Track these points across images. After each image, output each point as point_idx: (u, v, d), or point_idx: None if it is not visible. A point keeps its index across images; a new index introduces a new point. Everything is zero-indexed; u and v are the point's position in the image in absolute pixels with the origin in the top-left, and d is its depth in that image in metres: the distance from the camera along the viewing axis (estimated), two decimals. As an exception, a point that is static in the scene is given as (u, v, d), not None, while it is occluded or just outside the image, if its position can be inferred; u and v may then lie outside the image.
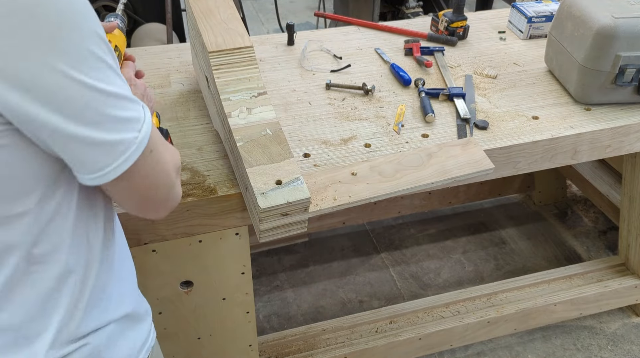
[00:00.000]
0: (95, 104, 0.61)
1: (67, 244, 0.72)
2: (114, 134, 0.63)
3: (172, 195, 0.75)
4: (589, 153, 1.43)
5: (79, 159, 0.64)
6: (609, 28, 1.35)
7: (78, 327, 0.76)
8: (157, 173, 0.71)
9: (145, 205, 0.74)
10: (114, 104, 0.63)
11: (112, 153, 0.64)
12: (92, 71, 0.60)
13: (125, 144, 0.64)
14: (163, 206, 0.75)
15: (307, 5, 4.33)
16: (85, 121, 0.61)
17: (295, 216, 1.04)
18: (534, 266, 2.19)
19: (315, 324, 1.72)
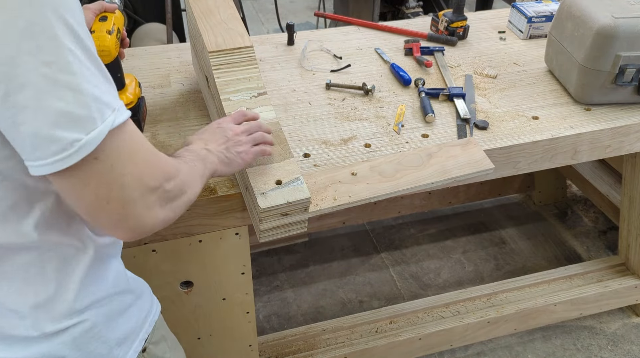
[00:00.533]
0: (34, 89, 0.56)
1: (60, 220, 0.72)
2: (49, 129, 0.57)
3: (132, 214, 0.66)
4: (589, 153, 1.43)
5: (17, 142, 0.60)
6: (609, 28, 1.35)
7: (74, 300, 0.76)
8: (103, 185, 0.63)
9: (96, 216, 0.66)
10: (63, 96, 0.57)
11: (44, 148, 0.58)
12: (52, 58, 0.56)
13: (60, 144, 0.58)
14: (120, 225, 0.66)
15: (307, 5, 4.33)
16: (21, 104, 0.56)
17: (295, 216, 1.04)
18: (534, 266, 2.19)
19: (315, 324, 1.72)
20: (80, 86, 0.58)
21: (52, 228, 0.72)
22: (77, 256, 0.76)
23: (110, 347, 0.81)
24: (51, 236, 0.72)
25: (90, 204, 0.64)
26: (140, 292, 0.90)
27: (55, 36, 0.56)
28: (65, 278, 0.75)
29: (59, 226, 0.72)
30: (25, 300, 0.74)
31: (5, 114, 0.57)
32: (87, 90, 0.59)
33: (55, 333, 0.76)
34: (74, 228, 0.75)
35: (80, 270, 0.77)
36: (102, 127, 0.60)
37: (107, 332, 0.81)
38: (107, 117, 0.61)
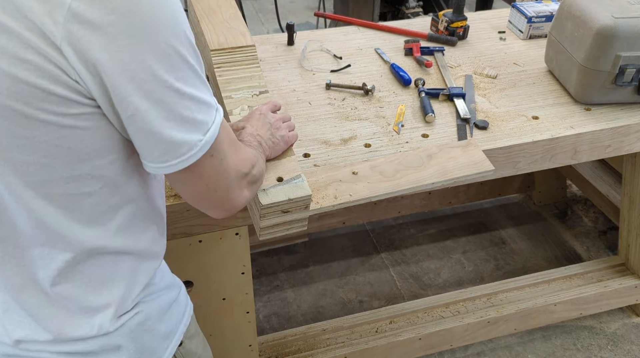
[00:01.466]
0: (169, 101, 0.65)
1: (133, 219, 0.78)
2: (179, 134, 0.67)
3: (230, 198, 0.78)
4: (589, 153, 1.43)
5: (143, 147, 0.68)
6: (609, 28, 1.35)
7: (135, 298, 0.82)
8: (214, 176, 0.74)
9: (200, 202, 0.78)
10: (187, 106, 0.66)
11: (173, 151, 0.68)
12: (173, 69, 0.64)
13: (188, 146, 0.68)
14: (219, 207, 0.79)
15: (307, 5, 4.33)
16: (156, 115, 0.64)
17: (296, 213, 1.04)
18: (534, 266, 2.19)
19: (315, 324, 1.72)
20: (197, 96, 0.68)
21: (130, 233, 0.78)
22: (144, 259, 0.82)
23: (159, 340, 0.86)
24: (128, 240, 0.78)
25: (199, 193, 0.76)
26: (179, 286, 0.94)
27: (184, 58, 0.65)
28: (133, 279, 0.81)
29: (135, 231, 0.79)
30: (98, 300, 0.78)
31: (142, 126, 0.65)
32: (201, 97, 0.68)
33: (115, 328, 0.80)
34: (147, 233, 0.81)
35: (145, 271, 0.83)
36: (214, 127, 0.70)
37: (158, 325, 0.85)
38: (214, 118, 0.71)
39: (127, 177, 0.74)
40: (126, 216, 0.76)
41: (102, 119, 0.66)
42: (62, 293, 0.76)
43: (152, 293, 0.85)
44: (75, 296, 0.77)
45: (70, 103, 0.62)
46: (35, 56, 0.58)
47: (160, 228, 0.86)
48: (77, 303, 0.77)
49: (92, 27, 0.58)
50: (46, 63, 0.59)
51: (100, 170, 0.70)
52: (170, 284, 0.90)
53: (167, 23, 0.62)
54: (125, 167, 0.72)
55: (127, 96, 0.62)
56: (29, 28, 0.57)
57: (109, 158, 0.70)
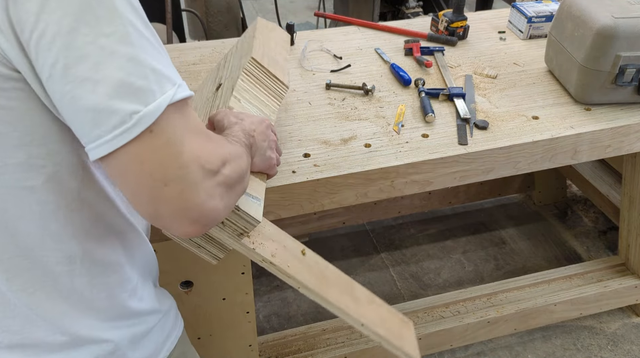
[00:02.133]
0: (96, 59, 0.54)
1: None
2: (109, 100, 0.55)
3: (193, 201, 0.60)
4: (589, 153, 1.43)
5: (72, 123, 0.58)
6: (609, 28, 1.35)
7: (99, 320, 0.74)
8: (159, 162, 0.57)
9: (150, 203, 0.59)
10: (121, 66, 0.55)
11: (102, 122, 0.55)
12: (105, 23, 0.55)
13: (119, 117, 0.55)
14: (180, 214, 0.60)
15: (307, 5, 4.33)
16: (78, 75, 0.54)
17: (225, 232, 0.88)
18: (534, 266, 2.18)
19: (315, 324, 1.72)
20: (139, 57, 0.56)
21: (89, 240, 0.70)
22: (108, 268, 0.74)
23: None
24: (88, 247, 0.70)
25: (143, 187, 0.58)
26: (166, 310, 0.86)
27: (115, 7, 0.55)
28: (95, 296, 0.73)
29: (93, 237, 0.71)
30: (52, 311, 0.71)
31: (64, 90, 0.55)
32: (146, 61, 0.57)
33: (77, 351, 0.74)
34: (108, 241, 0.73)
35: (110, 290, 0.74)
36: (161, 100, 0.57)
37: (130, 354, 0.78)
38: (167, 91, 0.58)
39: (76, 174, 0.65)
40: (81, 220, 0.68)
41: (29, 98, 0.58)
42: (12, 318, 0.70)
43: (126, 320, 0.77)
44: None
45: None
46: None
47: (125, 236, 0.75)
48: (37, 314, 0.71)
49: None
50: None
51: (40, 160, 0.62)
52: (150, 310, 0.81)
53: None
54: (71, 161, 0.64)
55: (42, 52, 0.54)
56: None
57: (48, 147, 0.61)
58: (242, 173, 0.70)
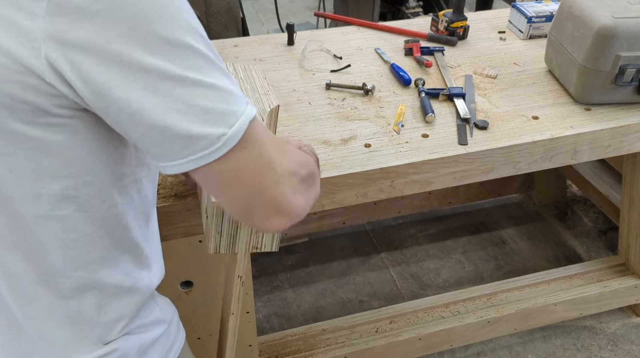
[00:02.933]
0: (177, 92, 0.57)
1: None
2: (198, 126, 0.58)
3: (283, 198, 0.65)
4: (589, 153, 1.43)
5: (155, 148, 0.60)
6: (609, 28, 1.35)
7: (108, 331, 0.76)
8: (255, 173, 0.63)
9: (250, 211, 0.66)
10: (203, 94, 0.58)
11: (191, 146, 0.59)
12: (177, 58, 0.57)
13: (208, 140, 0.59)
14: (273, 212, 0.66)
15: (307, 5, 4.33)
16: (165, 109, 0.57)
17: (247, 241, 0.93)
18: (534, 266, 2.18)
19: (315, 324, 1.72)
20: (215, 83, 0.59)
21: (104, 267, 0.72)
22: (119, 291, 0.75)
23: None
24: (101, 272, 0.72)
25: (243, 198, 0.64)
26: (169, 320, 0.87)
27: (188, 44, 0.58)
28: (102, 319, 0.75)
29: (109, 262, 0.73)
30: (61, 339, 0.73)
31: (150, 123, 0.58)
32: (222, 86, 0.60)
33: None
34: (121, 265, 0.75)
35: (119, 310, 0.76)
36: (243, 120, 0.61)
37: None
38: (244, 110, 0.62)
39: (102, 204, 0.67)
40: (100, 248, 0.70)
41: (75, 134, 0.60)
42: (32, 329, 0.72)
43: (132, 330, 0.79)
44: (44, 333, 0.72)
45: (39, 111, 0.56)
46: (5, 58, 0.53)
47: (138, 260, 0.78)
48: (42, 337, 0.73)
49: (77, 18, 0.52)
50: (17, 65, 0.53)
51: (73, 191, 0.64)
52: (156, 321, 0.83)
53: (161, 9, 0.55)
54: (100, 192, 0.66)
55: (124, 93, 0.56)
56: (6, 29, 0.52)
57: (83, 179, 0.64)
58: (315, 175, 0.76)
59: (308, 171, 0.72)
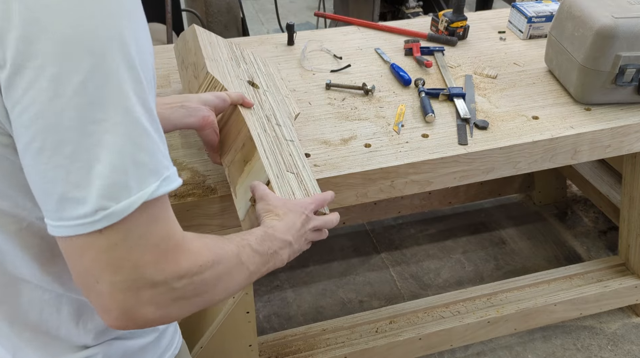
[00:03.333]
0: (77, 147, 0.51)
1: None
2: (78, 192, 0.51)
3: (119, 305, 0.56)
4: (589, 153, 1.43)
5: (35, 192, 0.55)
6: (609, 28, 1.35)
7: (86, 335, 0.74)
8: (99, 263, 0.54)
9: (84, 290, 0.58)
10: (104, 159, 0.51)
11: (67, 209, 0.52)
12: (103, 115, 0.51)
13: (85, 209, 0.52)
14: (104, 309, 0.57)
15: (307, 5, 4.33)
16: (54, 159, 0.51)
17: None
18: (534, 266, 2.18)
19: (315, 324, 1.72)
20: (124, 149, 0.52)
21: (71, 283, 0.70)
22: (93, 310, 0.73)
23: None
24: (72, 289, 0.70)
25: (80, 276, 0.57)
26: (162, 329, 0.83)
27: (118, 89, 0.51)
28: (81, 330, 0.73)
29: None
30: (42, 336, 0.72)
31: (37, 168, 0.52)
32: (131, 154, 0.52)
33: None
34: None
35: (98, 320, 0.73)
36: (135, 198, 0.53)
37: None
38: (146, 187, 0.54)
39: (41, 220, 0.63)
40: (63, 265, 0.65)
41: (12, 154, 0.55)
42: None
43: (119, 335, 0.76)
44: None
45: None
46: None
47: None
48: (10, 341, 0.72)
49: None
50: None
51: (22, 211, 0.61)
52: (145, 330, 0.79)
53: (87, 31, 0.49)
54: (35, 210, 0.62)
55: (21, 127, 0.51)
56: None
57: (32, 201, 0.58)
58: (205, 288, 0.64)
59: (190, 283, 0.61)
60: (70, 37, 0.49)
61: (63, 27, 0.48)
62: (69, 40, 0.49)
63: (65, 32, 0.48)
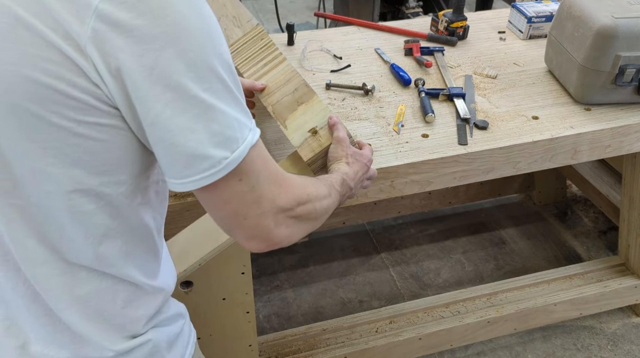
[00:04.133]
0: (194, 111, 0.61)
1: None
2: (203, 147, 0.63)
3: (262, 231, 0.71)
4: (589, 153, 1.43)
5: (164, 160, 0.65)
6: (609, 28, 1.35)
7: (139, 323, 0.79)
8: (243, 203, 0.68)
9: (232, 230, 0.72)
10: (214, 118, 0.63)
11: (195, 165, 0.63)
12: (201, 80, 0.61)
13: (210, 162, 0.63)
14: (250, 238, 0.72)
15: (307, 5, 4.33)
16: (179, 125, 0.61)
17: None
18: (534, 266, 2.18)
19: (315, 324, 1.72)
20: (227, 109, 0.64)
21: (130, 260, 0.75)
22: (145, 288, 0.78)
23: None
24: (128, 268, 0.75)
25: (228, 219, 0.70)
26: (185, 315, 0.90)
27: (212, 67, 0.62)
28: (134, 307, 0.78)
29: (136, 259, 0.76)
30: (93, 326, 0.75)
31: (165, 136, 0.62)
32: (232, 112, 0.64)
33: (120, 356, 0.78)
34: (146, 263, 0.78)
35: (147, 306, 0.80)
36: (244, 146, 0.65)
37: (167, 355, 0.82)
38: (246, 137, 0.66)
39: (130, 202, 0.71)
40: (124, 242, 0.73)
41: (116, 135, 0.64)
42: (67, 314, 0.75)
43: (159, 323, 0.82)
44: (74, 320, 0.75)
45: (88, 109, 0.60)
46: (57, 55, 0.57)
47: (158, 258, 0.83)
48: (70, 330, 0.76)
49: (118, 29, 0.57)
50: (67, 63, 0.57)
51: (106, 188, 0.67)
52: (176, 315, 0.86)
53: (195, 33, 0.60)
54: (130, 191, 0.70)
55: (149, 102, 0.60)
56: (53, 28, 0.56)
57: (117, 177, 0.67)
58: (318, 213, 0.81)
59: (308, 210, 0.77)
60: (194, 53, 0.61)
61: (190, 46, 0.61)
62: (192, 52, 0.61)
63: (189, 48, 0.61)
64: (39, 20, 0.56)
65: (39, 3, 0.56)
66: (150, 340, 0.79)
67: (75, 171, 0.64)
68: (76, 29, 0.56)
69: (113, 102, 0.61)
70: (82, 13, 0.56)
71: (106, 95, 0.60)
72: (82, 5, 0.56)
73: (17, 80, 0.58)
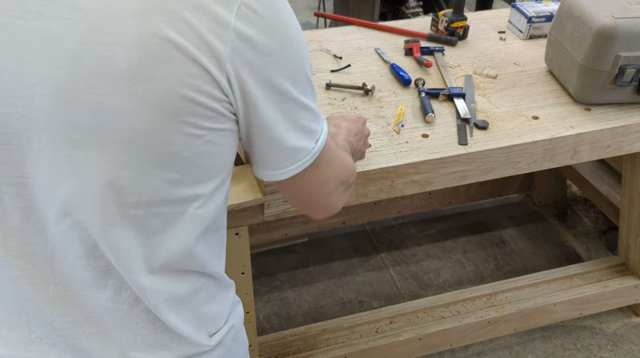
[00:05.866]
0: (293, 112, 0.71)
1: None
2: (298, 141, 0.73)
3: (329, 203, 0.86)
4: (589, 153, 1.43)
5: (268, 156, 0.74)
6: (609, 28, 1.35)
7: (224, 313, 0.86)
8: (317, 185, 0.81)
9: (306, 208, 0.88)
10: (305, 116, 0.73)
11: (293, 157, 0.74)
12: (299, 84, 0.71)
13: (303, 152, 0.74)
14: (320, 211, 0.88)
15: (307, 5, 4.33)
16: (283, 125, 0.71)
17: None
18: (534, 266, 2.19)
19: (315, 324, 1.72)
20: (313, 107, 0.75)
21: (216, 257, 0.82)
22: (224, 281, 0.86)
23: (245, 349, 0.93)
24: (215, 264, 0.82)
25: (304, 198, 0.85)
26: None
27: (305, 72, 0.72)
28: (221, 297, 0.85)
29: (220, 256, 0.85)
30: (196, 327, 0.81)
31: (272, 136, 0.71)
32: (315, 109, 0.75)
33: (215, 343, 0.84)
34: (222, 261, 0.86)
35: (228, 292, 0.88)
36: (323, 136, 0.77)
37: (241, 330, 0.91)
38: (323, 127, 0.77)
39: (223, 201, 0.78)
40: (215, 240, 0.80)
41: (231, 138, 0.70)
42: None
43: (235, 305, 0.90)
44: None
45: (217, 116, 0.66)
46: (199, 70, 0.62)
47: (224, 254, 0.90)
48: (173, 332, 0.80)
49: (249, 45, 0.64)
50: (207, 77, 0.63)
51: (217, 190, 0.74)
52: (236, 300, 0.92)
53: (296, 44, 0.69)
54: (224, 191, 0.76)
55: (260, 105, 0.68)
56: (199, 47, 0.62)
57: (218, 178, 0.73)
58: (355, 176, 0.93)
59: (353, 179, 0.90)
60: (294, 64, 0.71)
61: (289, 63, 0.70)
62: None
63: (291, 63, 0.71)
64: (187, 40, 0.62)
65: (187, 23, 0.61)
66: (233, 324, 0.87)
67: (195, 177, 0.69)
68: (217, 46, 0.62)
69: (235, 108, 0.68)
70: (222, 32, 0.63)
71: (231, 103, 0.67)
72: (221, 24, 0.62)
73: (168, 97, 0.63)
